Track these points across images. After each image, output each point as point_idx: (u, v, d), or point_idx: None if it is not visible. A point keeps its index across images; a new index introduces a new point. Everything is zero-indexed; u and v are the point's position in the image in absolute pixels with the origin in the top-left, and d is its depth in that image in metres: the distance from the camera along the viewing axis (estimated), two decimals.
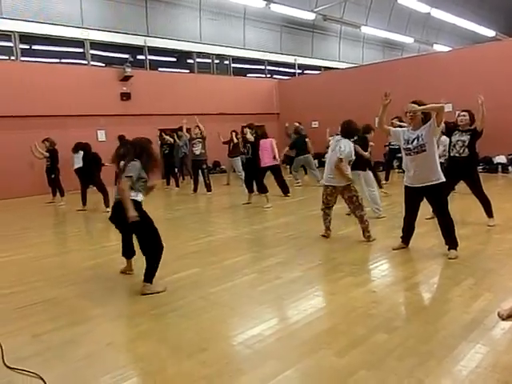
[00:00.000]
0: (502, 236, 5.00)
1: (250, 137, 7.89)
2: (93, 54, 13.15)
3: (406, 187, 4.39)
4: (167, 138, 11.11)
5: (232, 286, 3.81)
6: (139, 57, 14.11)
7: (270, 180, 8.30)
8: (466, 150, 5.35)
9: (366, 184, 6.18)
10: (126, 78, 12.45)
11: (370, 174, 6.35)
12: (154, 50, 14.39)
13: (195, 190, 9.84)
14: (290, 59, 18.62)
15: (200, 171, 9.77)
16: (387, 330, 2.83)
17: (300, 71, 19.12)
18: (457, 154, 5.42)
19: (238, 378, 2.40)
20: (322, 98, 14.79)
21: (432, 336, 2.74)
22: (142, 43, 13.95)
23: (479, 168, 9.32)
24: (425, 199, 4.37)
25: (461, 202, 6.49)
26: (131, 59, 13.33)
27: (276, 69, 18.46)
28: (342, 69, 17.37)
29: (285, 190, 8.53)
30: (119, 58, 13.60)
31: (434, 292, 3.60)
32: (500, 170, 10.91)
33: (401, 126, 8.56)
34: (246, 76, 17.00)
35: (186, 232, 6.16)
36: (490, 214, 5.46)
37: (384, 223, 5.97)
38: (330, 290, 3.68)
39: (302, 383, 2.39)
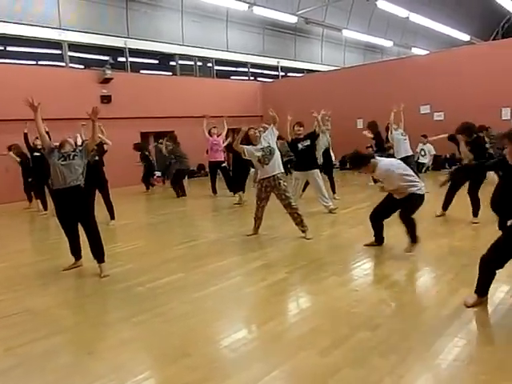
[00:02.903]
0: (477, 233, 5.19)
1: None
2: (71, 56, 12.97)
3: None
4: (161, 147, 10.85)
5: (217, 290, 3.82)
6: (120, 59, 13.99)
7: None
8: None
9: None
10: (106, 81, 12.31)
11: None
12: (135, 52, 14.27)
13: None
14: (273, 62, 18.71)
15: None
16: (369, 327, 2.89)
17: (283, 74, 19.23)
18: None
19: (224, 382, 2.41)
20: (305, 101, 14.87)
21: (412, 332, 2.82)
22: (122, 45, 13.83)
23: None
24: None
25: (436, 201, 6.62)
26: (111, 61, 13.21)
27: (259, 71, 18.52)
28: (325, 71, 17.54)
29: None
30: (99, 59, 13.47)
31: (414, 289, 3.69)
32: None
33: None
34: (229, 78, 17.02)
35: (170, 236, 6.13)
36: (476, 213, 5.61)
37: (366, 223, 6.05)
38: (313, 290, 3.72)
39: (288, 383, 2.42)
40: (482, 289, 3.07)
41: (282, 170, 5.43)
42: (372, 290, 3.63)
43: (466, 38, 20.41)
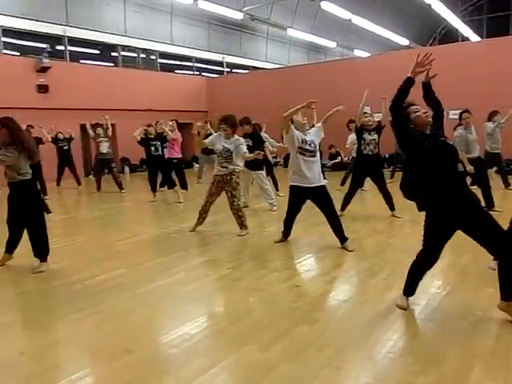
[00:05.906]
0: (411, 230, 5.48)
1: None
2: (6, 42, 12.16)
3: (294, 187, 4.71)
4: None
5: (159, 286, 3.76)
6: (58, 47, 13.29)
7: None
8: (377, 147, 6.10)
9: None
10: (43, 69, 11.65)
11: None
12: (75, 41, 13.64)
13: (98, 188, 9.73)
14: (218, 57, 18.61)
15: (108, 170, 9.80)
16: (308, 322, 2.97)
17: (228, 69, 19.18)
18: (370, 152, 6.04)
19: (164, 378, 2.39)
20: (249, 97, 15.00)
21: (349, 326, 2.93)
22: (61, 33, 13.14)
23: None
24: None
25: (374, 198, 6.94)
26: (49, 49, 12.54)
27: (204, 66, 18.35)
28: (270, 69, 17.72)
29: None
30: (36, 47, 12.71)
31: (351, 284, 3.83)
32: None
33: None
34: (173, 72, 16.71)
35: (110, 232, 5.94)
36: (392, 206, 6.05)
37: (305, 220, 6.20)
38: (255, 286, 3.76)
39: (226, 379, 2.44)
40: (410, 290, 3.16)
41: (238, 170, 5.36)
42: (311, 286, 3.73)
43: (405, 42, 21.41)
